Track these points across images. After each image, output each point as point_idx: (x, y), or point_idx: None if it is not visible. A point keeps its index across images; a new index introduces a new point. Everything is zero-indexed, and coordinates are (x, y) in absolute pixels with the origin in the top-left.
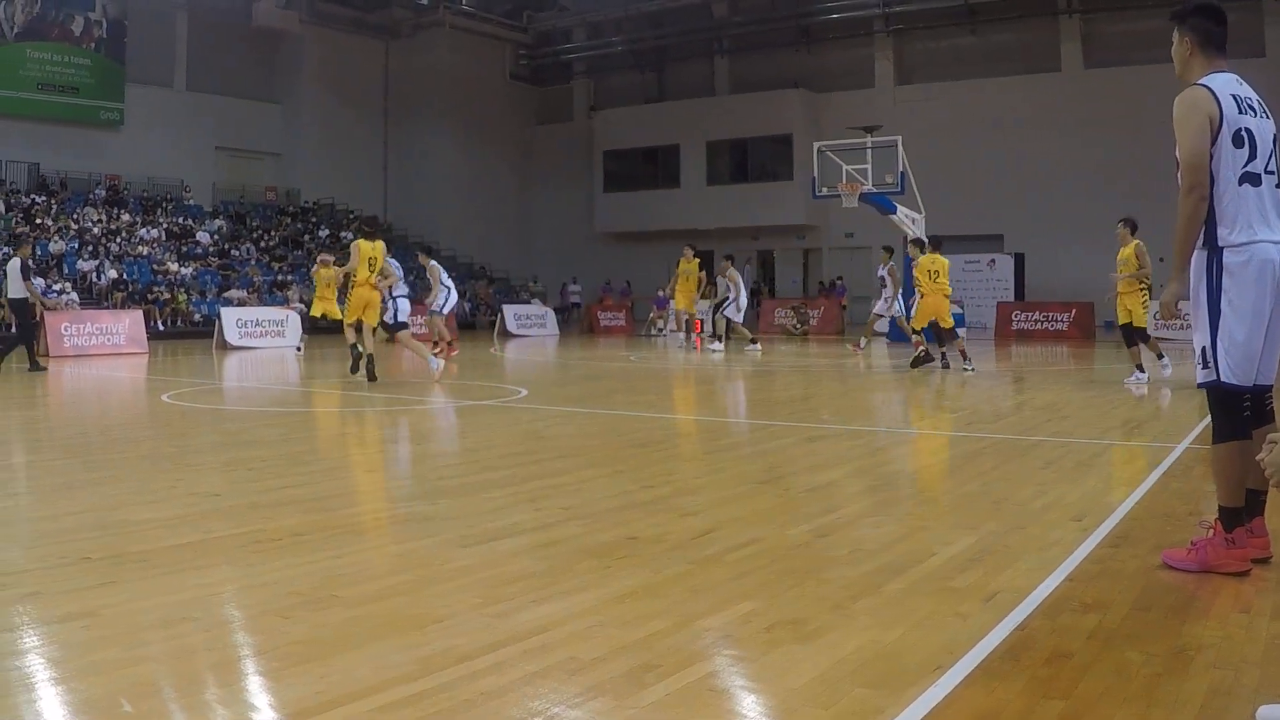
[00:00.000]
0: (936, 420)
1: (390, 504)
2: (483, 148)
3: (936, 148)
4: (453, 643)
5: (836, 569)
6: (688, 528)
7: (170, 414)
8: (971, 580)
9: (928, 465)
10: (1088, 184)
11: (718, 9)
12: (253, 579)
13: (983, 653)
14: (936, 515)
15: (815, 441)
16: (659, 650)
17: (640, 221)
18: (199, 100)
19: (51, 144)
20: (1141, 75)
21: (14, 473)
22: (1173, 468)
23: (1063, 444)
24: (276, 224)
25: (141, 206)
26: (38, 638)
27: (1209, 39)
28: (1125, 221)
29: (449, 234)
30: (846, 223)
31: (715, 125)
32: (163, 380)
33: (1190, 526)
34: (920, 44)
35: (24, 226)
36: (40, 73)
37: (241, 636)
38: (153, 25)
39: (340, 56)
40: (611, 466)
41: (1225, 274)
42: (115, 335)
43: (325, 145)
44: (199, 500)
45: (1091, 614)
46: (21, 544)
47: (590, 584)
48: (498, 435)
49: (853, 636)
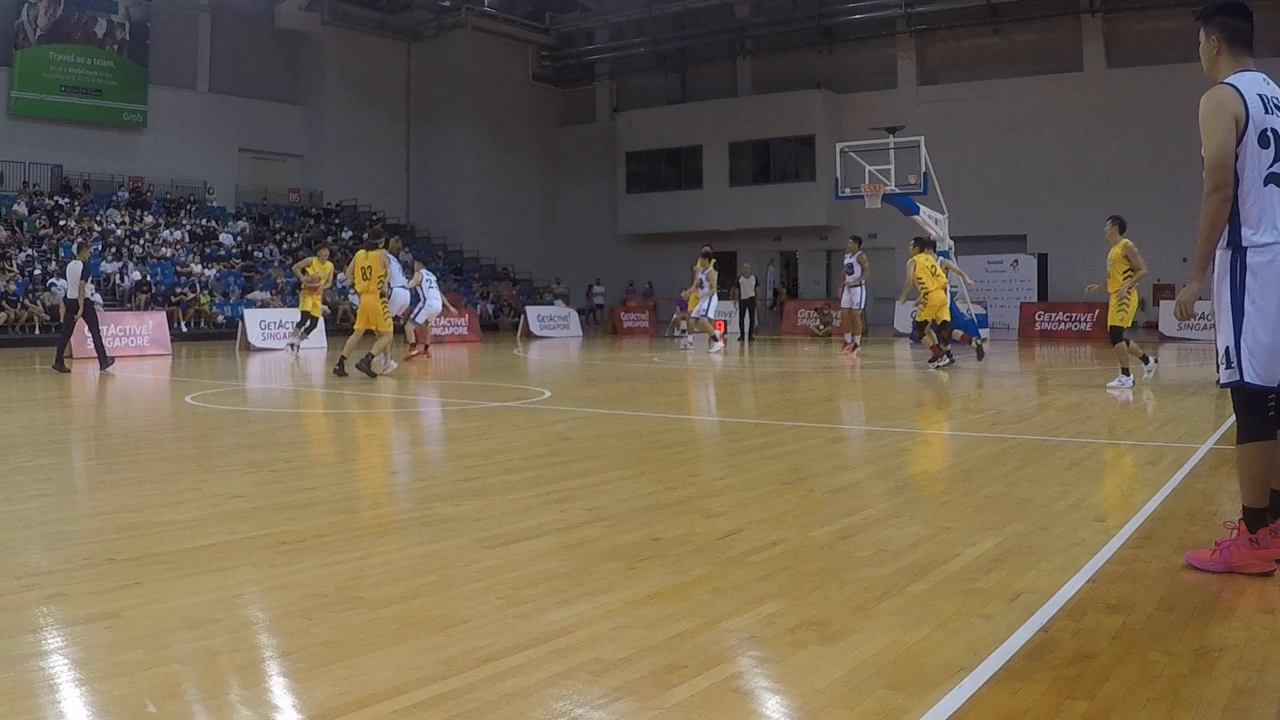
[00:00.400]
0: (960, 421)
1: (414, 505)
2: (505, 149)
3: (959, 148)
4: (476, 644)
5: (860, 570)
6: (712, 529)
7: (194, 416)
8: (995, 581)
9: (951, 466)
10: (1111, 184)
11: (740, 10)
12: (276, 580)
13: (1007, 654)
14: (960, 516)
15: (839, 442)
16: (683, 651)
17: (663, 223)
18: (222, 102)
19: (75, 146)
20: (1164, 74)
21: (39, 474)
22: (1196, 468)
23: (1086, 445)
24: (299, 225)
25: (164, 208)
26: (62, 639)
27: (1236, 37)
28: (1114, 220)
29: (472, 235)
30: (870, 224)
31: (738, 126)
32: (186, 382)
33: (1214, 527)
34: (943, 44)
35: (48, 228)
36: (63, 75)
37: (265, 638)
38: (175, 27)
39: (363, 58)
40: (635, 468)
41: (1249, 274)
42: (138, 337)
43: (348, 147)
44: (223, 502)
45: (1116, 615)
46: (46, 545)
47: (615, 585)
48: (521, 437)
49: (877, 637)
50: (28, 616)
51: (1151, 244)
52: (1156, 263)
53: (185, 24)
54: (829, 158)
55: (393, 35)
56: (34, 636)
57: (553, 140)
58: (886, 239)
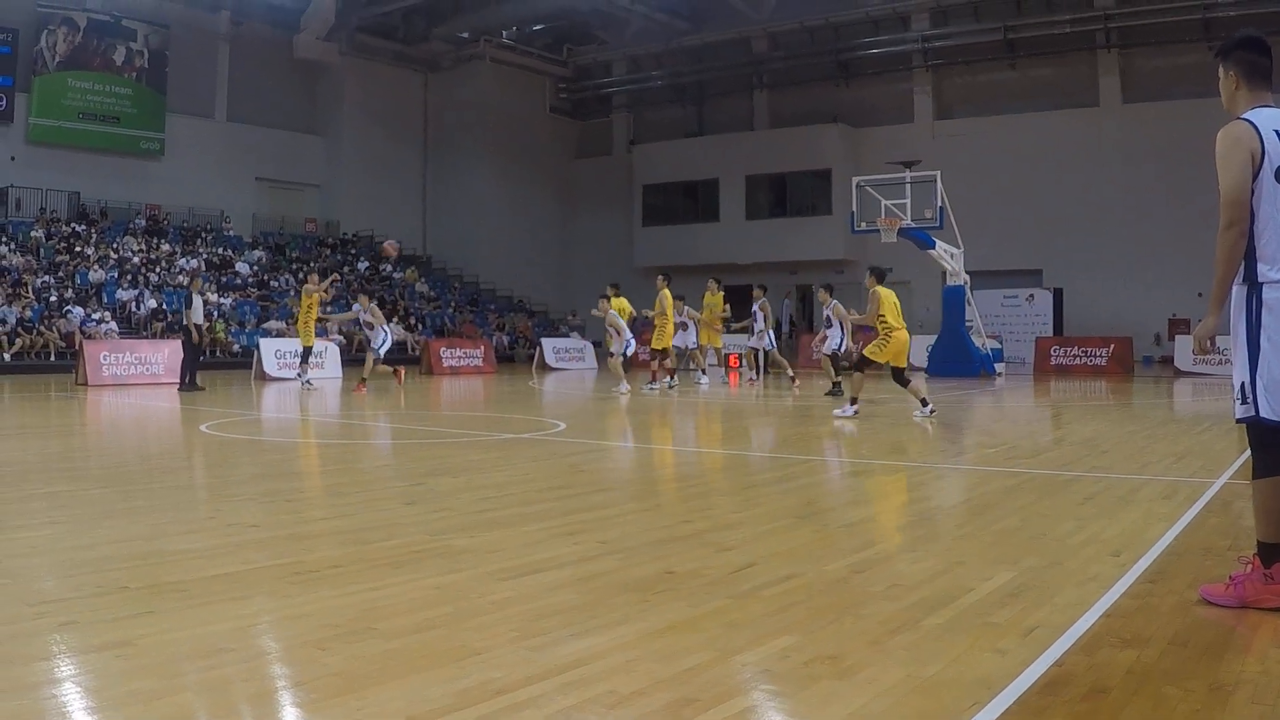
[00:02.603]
0: (975, 455)
1: (428, 536)
2: (522, 180)
3: (975, 182)
4: (490, 675)
5: (874, 604)
6: (726, 562)
7: (209, 444)
8: (1009, 616)
9: (966, 500)
10: (1126, 218)
11: (757, 44)
12: (290, 610)
13: (1020, 688)
14: (975, 550)
15: (853, 476)
16: (697, 684)
17: (679, 255)
18: (239, 131)
19: (92, 173)
20: (1180, 109)
21: (52, 501)
22: (1211, 503)
23: (1101, 479)
24: (316, 255)
25: (181, 236)
26: (74, 667)
27: (1254, 72)
28: (871, 270)
29: (488, 266)
30: (885, 258)
31: (754, 159)
32: (201, 410)
33: (1228, 562)
34: (959, 79)
35: (65, 255)
36: (82, 102)
37: (278, 668)
38: (194, 56)
39: (380, 89)
40: (649, 501)
41: (1265, 310)
42: (154, 365)
43: (365, 177)
44: (237, 531)
45: (1129, 649)
46: (59, 573)
47: (628, 618)
48: (536, 469)
49: (890, 672)
50: (40, 644)
51: (1167, 279)
52: (1171, 298)
53: (204, 52)
54: (845, 191)
55: (410, 66)
56: (46, 664)
57: (569, 172)
58: (902, 273)
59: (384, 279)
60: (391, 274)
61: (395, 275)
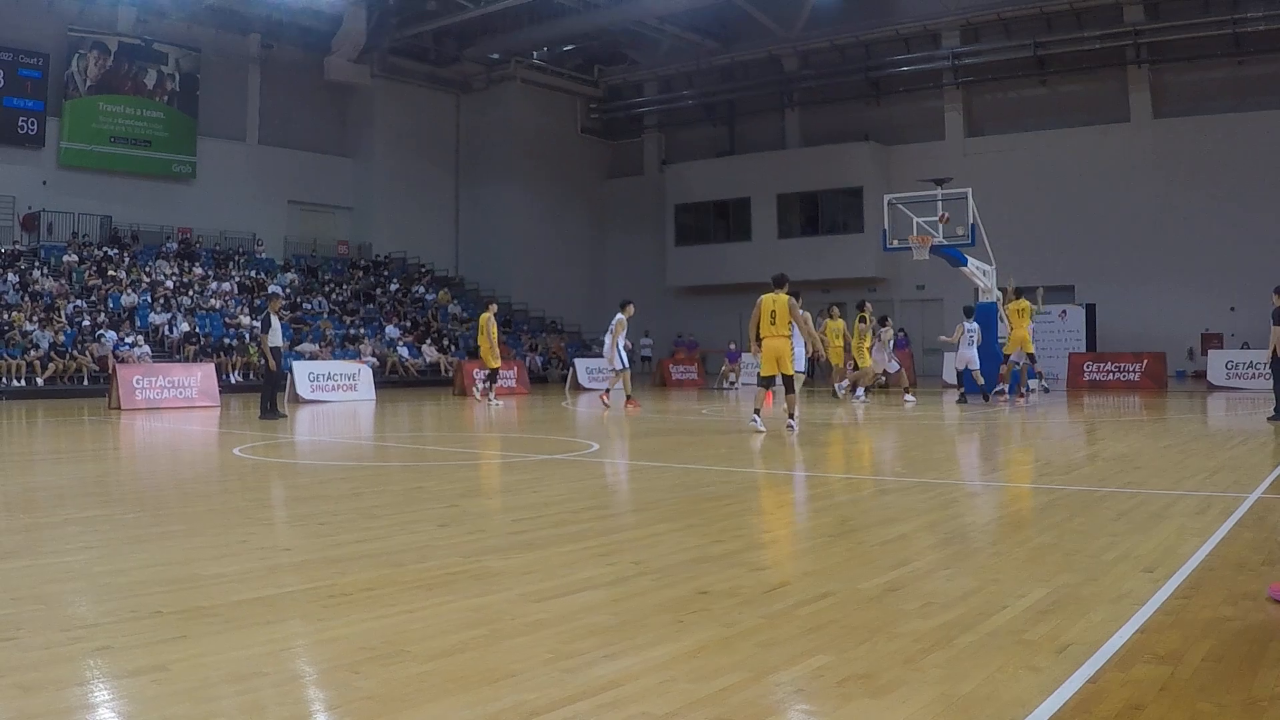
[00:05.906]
0: (1009, 472)
1: (462, 559)
2: (554, 201)
3: (1007, 199)
4: (524, 697)
5: (908, 622)
6: (759, 582)
7: (242, 468)
8: (1044, 632)
9: (1000, 517)
10: (1158, 233)
11: (788, 63)
12: (324, 634)
13: (1055, 705)
14: (1009, 568)
15: (887, 494)
16: (732, 705)
17: (712, 275)
18: (271, 154)
19: (124, 197)
20: (1211, 124)
21: (86, 526)
22: (1245, 517)
23: (1135, 495)
24: (348, 277)
25: (213, 259)
26: (109, 691)
27: None
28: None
29: (521, 287)
30: (918, 275)
31: (786, 178)
32: (234, 434)
33: (1263, 576)
34: (989, 96)
35: (97, 279)
36: (113, 126)
37: (312, 691)
38: (225, 79)
39: (412, 110)
40: (683, 521)
41: None
42: (187, 388)
43: (397, 199)
44: (270, 554)
45: (1164, 665)
46: (93, 597)
47: (662, 638)
48: (570, 489)
49: (924, 690)
50: (75, 669)
51: (1199, 293)
52: (1204, 312)
53: (235, 76)
54: (877, 209)
55: (442, 87)
56: (81, 689)
57: (601, 192)
58: (935, 290)
59: (416, 300)
60: (424, 295)
61: (428, 297)
